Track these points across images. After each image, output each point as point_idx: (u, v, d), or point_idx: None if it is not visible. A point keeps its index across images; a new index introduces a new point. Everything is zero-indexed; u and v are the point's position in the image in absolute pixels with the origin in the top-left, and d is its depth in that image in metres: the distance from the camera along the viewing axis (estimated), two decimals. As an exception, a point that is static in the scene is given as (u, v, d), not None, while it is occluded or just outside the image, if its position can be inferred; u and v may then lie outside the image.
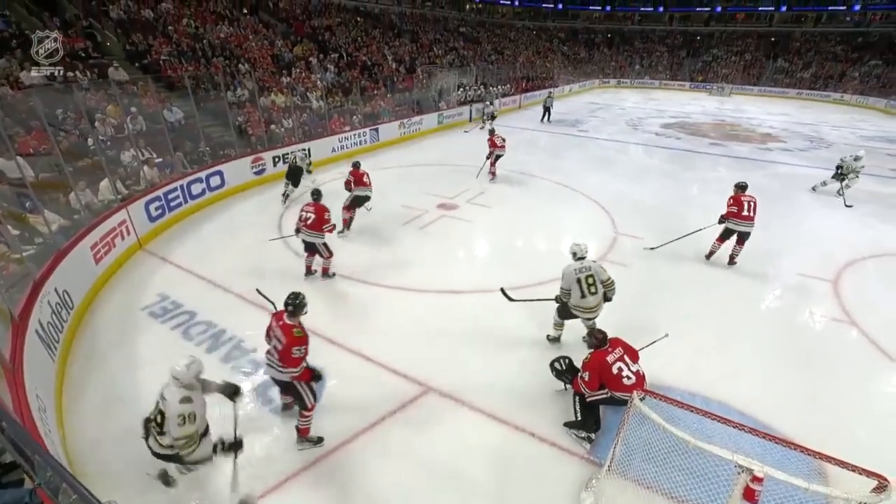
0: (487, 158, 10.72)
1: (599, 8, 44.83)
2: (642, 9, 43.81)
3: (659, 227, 8.18)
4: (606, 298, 4.65)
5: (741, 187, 6.72)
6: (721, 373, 4.61)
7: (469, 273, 6.61)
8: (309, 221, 5.84)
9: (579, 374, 3.71)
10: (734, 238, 6.73)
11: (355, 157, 11.17)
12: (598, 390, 3.62)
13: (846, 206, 9.79)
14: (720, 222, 6.73)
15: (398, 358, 4.70)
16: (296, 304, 3.48)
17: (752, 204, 6.55)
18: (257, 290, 4.66)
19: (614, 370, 3.54)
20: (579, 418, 3.83)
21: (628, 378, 3.53)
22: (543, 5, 43.64)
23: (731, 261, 6.92)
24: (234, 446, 3.25)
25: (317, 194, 6.18)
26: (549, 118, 19.20)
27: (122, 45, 11.90)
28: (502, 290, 5.25)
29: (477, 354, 4.83)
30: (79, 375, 4.47)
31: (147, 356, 4.71)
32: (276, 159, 10.55)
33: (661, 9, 42.78)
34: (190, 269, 6.47)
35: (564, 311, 4.74)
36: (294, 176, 9.18)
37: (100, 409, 4.07)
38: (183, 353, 3.22)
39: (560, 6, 44.04)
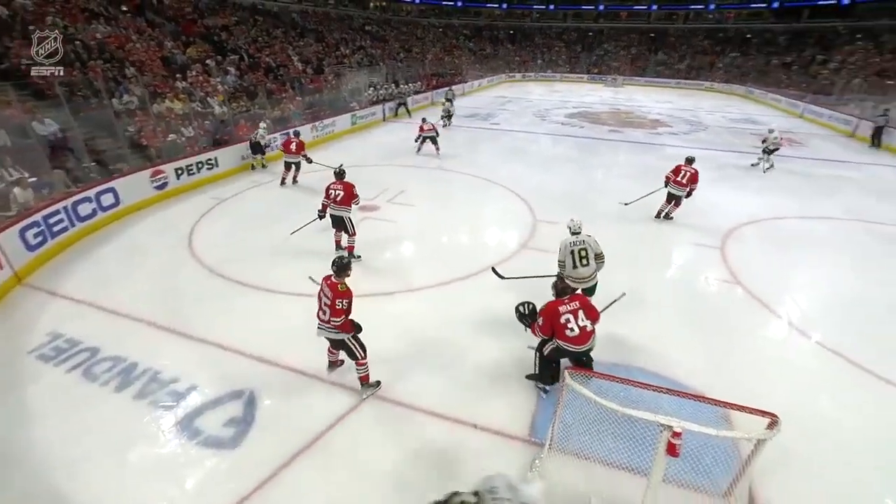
0: (417, 140, 12.91)
1: (497, 6, 46.35)
2: (536, 7, 46.07)
3: (574, 211, 8.63)
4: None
5: (687, 160, 8.16)
6: (638, 341, 5.01)
7: (397, 273, 6.54)
8: (339, 198, 6.44)
9: (536, 320, 4.05)
10: (672, 201, 8.23)
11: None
12: (548, 336, 3.99)
13: (763, 171, 11.91)
14: (665, 185, 8.20)
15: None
16: (340, 265, 3.96)
17: (686, 173, 7.98)
18: (310, 277, 4.74)
19: (562, 320, 3.86)
20: (537, 371, 4.23)
21: (571, 330, 3.85)
22: (444, 3, 44.16)
23: (667, 216, 8.45)
24: None
25: (341, 174, 6.78)
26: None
27: (-30, 49, 10.16)
28: (493, 269, 5.58)
29: (412, 355, 4.80)
30: (-47, 440, 3.79)
31: (39, 408, 4.07)
32: (180, 171, 9.65)
33: (553, 7, 45.31)
34: (87, 301, 5.72)
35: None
36: (258, 149, 11.12)
37: (-14, 475, 3.48)
38: (85, 396, 2.84)
39: (460, 3, 44.87)
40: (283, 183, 10.23)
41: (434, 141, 12.68)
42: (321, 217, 6.74)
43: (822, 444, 3.76)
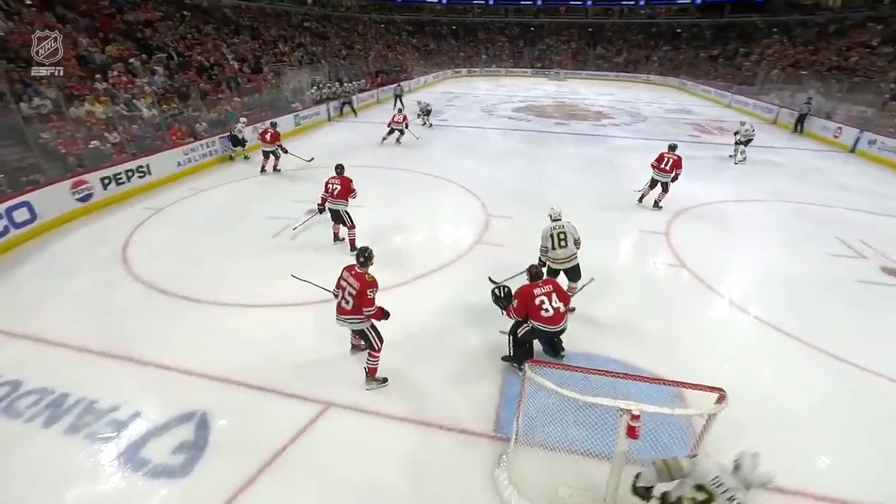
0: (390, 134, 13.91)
1: (437, 1, 46.44)
2: (476, 2, 46.60)
3: (525, 204, 8.89)
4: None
5: (670, 146, 8.77)
6: (595, 328, 5.20)
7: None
8: (336, 192, 6.71)
9: (511, 303, 4.32)
10: (659, 187, 8.68)
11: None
12: (523, 317, 4.25)
13: (735, 163, 12.49)
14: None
15: (288, 379, 4.39)
16: (365, 256, 4.10)
17: (670, 160, 8.50)
18: (293, 275, 4.92)
19: (537, 301, 4.17)
20: (511, 353, 4.47)
21: (546, 311, 4.16)
22: (385, -2, 43.76)
23: (656, 204, 8.85)
24: None
25: (340, 168, 7.01)
26: (402, 105, 19.50)
27: None
28: (490, 278, 5.71)
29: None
30: None
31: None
32: (107, 181, 8.95)
33: (494, 2, 46.00)
34: (3, 330, 5.19)
35: (549, 270, 5.39)
36: (238, 142, 11.91)
37: None
38: (8, 436, 2.58)
39: (400, -1, 44.64)
40: (262, 170, 11.06)
41: (401, 132, 13.90)
42: (321, 211, 6.99)
43: (765, 411, 4.06)
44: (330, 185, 6.80)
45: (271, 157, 10.97)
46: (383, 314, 4.16)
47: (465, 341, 4.99)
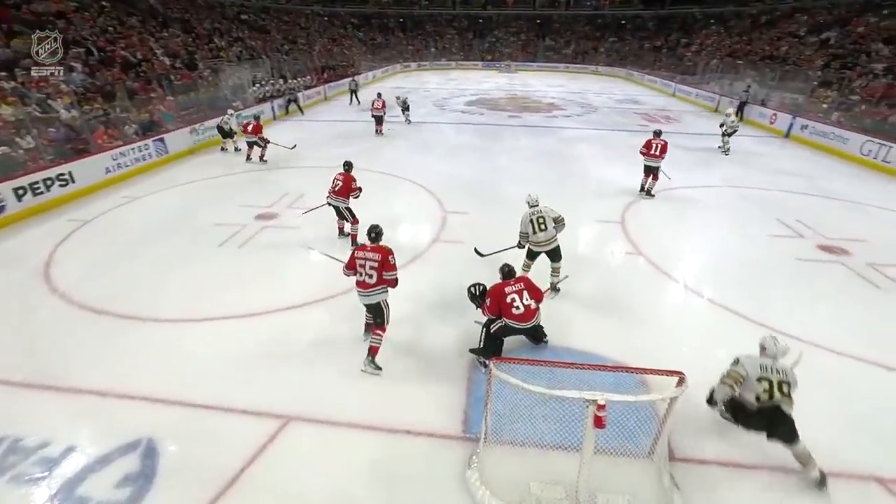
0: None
1: (382, -9, 45.99)
2: (421, -8, 46.53)
3: (480, 199, 8.98)
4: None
5: (655, 132, 9.25)
6: (558, 322, 5.30)
7: (307, 283, 6.20)
8: (337, 188, 6.82)
9: (485, 301, 4.47)
10: (651, 174, 9.12)
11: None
12: (495, 315, 4.40)
13: (725, 154, 12.80)
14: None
15: (243, 395, 4.21)
16: (377, 232, 4.45)
17: (658, 145, 8.90)
18: (307, 246, 5.58)
19: (508, 299, 4.34)
20: (481, 346, 4.54)
21: (517, 308, 4.33)
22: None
23: (648, 193, 9.28)
24: None
25: (348, 166, 7.07)
26: (357, 101, 20.40)
27: None
28: (476, 249, 6.19)
29: (331, 366, 4.61)
30: None
31: None
32: (21, 191, 8.23)
33: (439, -7, 46.09)
34: None
35: (531, 253, 5.77)
36: (226, 133, 12.49)
37: None
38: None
39: (344, -10, 43.78)
40: (248, 159, 11.79)
41: (380, 121, 14.55)
42: (329, 203, 7.05)
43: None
44: (334, 182, 6.92)
45: (254, 147, 11.68)
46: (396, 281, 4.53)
47: (429, 343, 4.98)
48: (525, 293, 4.40)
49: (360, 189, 6.99)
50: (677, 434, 3.74)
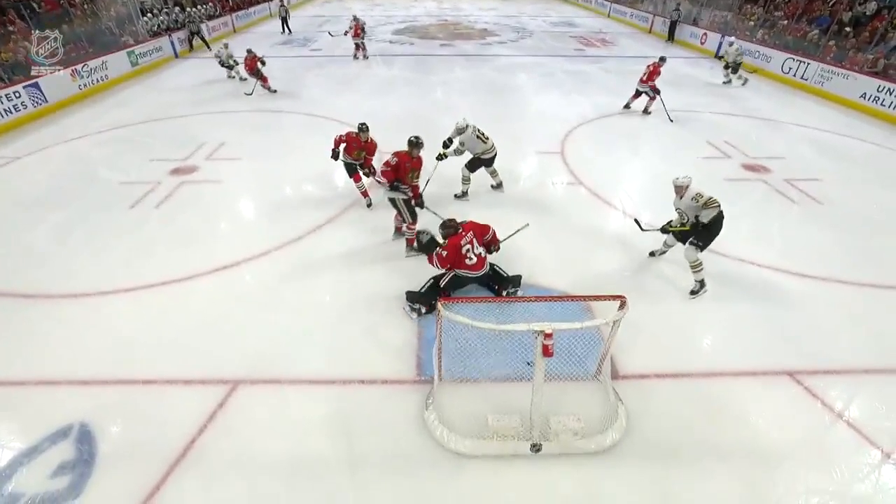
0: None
1: None
2: None
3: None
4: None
5: (661, 58, 9.98)
6: (506, 258, 5.41)
7: (235, 242, 5.88)
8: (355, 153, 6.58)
9: (437, 251, 4.44)
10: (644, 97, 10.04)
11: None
12: (447, 268, 4.51)
13: (742, 85, 12.56)
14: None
15: (181, 365, 4.09)
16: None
17: (650, 67, 9.72)
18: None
19: (463, 250, 4.44)
20: (422, 292, 4.59)
21: (470, 259, 4.45)
22: None
23: (646, 110, 10.26)
24: None
25: (364, 128, 6.69)
26: (289, 30, 19.85)
27: None
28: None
29: (273, 324, 4.55)
30: None
31: None
32: None
33: None
34: None
35: (472, 164, 6.56)
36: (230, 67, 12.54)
37: None
38: None
39: None
40: (267, 90, 11.83)
41: (359, 46, 15.09)
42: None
43: (658, 310, 4.70)
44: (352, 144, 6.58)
45: (255, 81, 11.73)
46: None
47: (372, 291, 4.97)
48: (475, 241, 4.50)
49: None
50: (619, 355, 4.08)
